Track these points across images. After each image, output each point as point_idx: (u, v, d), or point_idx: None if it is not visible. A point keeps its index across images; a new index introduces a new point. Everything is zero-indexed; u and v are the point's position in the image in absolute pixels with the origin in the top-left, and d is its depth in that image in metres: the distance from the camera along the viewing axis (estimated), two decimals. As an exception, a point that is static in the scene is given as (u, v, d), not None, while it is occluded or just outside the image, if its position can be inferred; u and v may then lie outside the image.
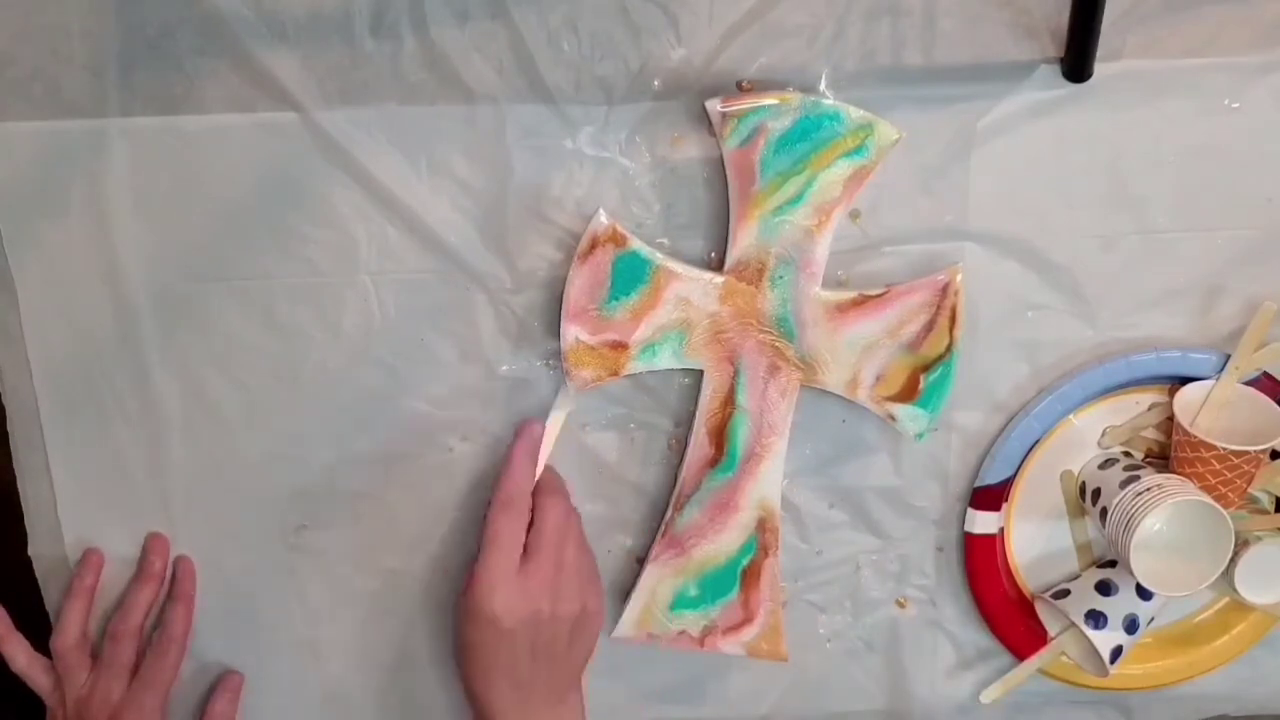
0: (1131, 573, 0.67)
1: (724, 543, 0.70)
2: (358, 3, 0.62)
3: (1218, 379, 0.70)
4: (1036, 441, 0.72)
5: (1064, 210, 0.68)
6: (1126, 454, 0.73)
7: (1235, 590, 0.71)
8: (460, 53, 0.63)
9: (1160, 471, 0.70)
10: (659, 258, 0.65)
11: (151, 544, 0.72)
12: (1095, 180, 0.67)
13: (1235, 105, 0.66)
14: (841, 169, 0.64)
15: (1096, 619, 0.71)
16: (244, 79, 0.64)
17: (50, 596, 0.73)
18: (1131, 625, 0.72)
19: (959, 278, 0.66)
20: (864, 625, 0.76)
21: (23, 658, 0.72)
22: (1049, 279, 0.69)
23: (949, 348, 0.67)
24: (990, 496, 0.73)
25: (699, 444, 0.69)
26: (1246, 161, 0.67)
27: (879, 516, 0.74)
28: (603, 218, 0.64)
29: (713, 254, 0.67)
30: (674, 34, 0.63)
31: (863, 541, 0.74)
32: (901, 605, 0.76)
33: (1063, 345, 0.71)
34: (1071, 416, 0.72)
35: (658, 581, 0.71)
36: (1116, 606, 0.72)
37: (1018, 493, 0.74)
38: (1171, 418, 0.70)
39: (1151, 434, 0.73)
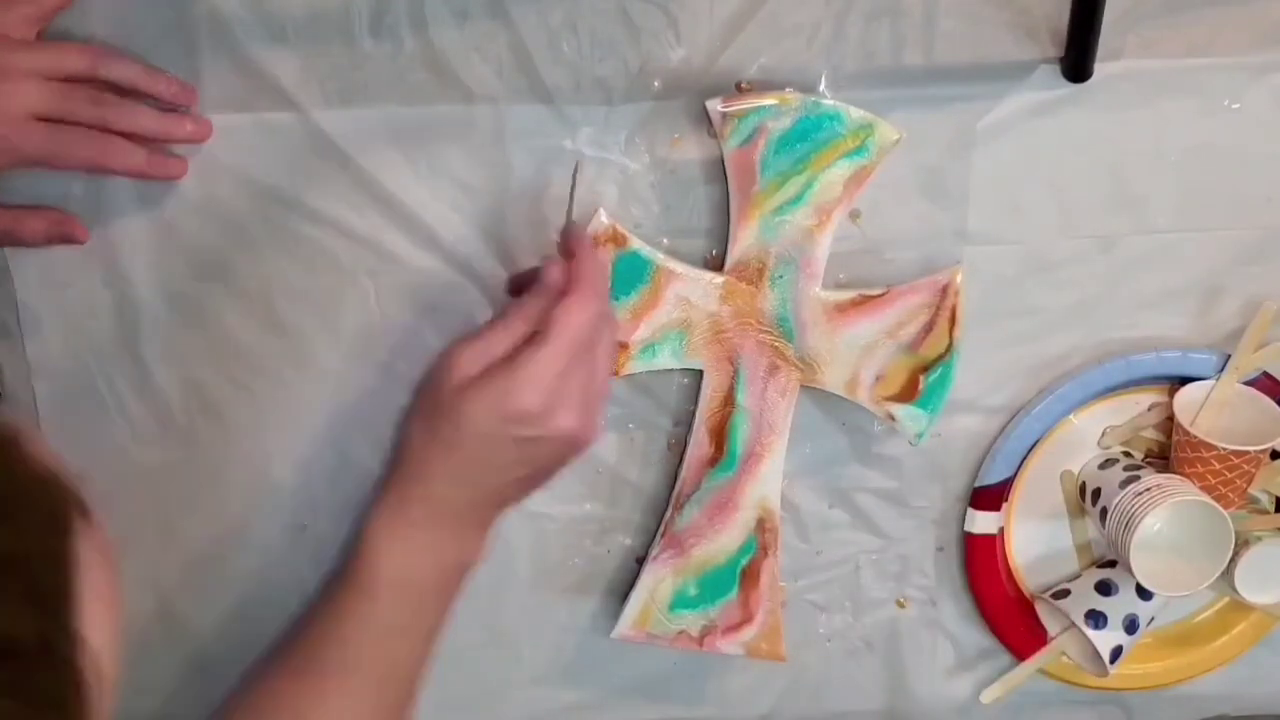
0: (1131, 573, 0.67)
1: (723, 542, 0.70)
2: (357, 3, 0.62)
3: (1218, 379, 0.70)
4: (1036, 441, 0.72)
5: (1064, 210, 0.68)
6: (1126, 454, 0.73)
7: (1235, 590, 0.71)
8: (460, 53, 0.63)
9: (1160, 471, 0.70)
10: (659, 257, 0.65)
11: None
12: (1095, 180, 0.67)
13: (1235, 105, 0.66)
14: (842, 169, 0.64)
15: (1096, 619, 0.71)
16: (244, 79, 0.64)
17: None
18: (1131, 625, 0.72)
19: (959, 278, 0.66)
20: (864, 625, 0.76)
21: None
22: (1049, 279, 0.69)
23: (949, 348, 0.67)
24: (990, 496, 0.72)
25: (699, 443, 0.69)
26: (1246, 161, 0.67)
27: (879, 516, 0.74)
28: (603, 218, 0.64)
29: (713, 254, 0.67)
30: (674, 34, 0.63)
31: (863, 541, 0.74)
32: (901, 605, 0.76)
33: (1063, 345, 0.71)
34: (1071, 416, 0.72)
35: (657, 581, 0.71)
36: (1116, 606, 0.72)
37: (1018, 493, 0.73)
38: (1171, 418, 0.70)
39: (1151, 434, 0.73)
